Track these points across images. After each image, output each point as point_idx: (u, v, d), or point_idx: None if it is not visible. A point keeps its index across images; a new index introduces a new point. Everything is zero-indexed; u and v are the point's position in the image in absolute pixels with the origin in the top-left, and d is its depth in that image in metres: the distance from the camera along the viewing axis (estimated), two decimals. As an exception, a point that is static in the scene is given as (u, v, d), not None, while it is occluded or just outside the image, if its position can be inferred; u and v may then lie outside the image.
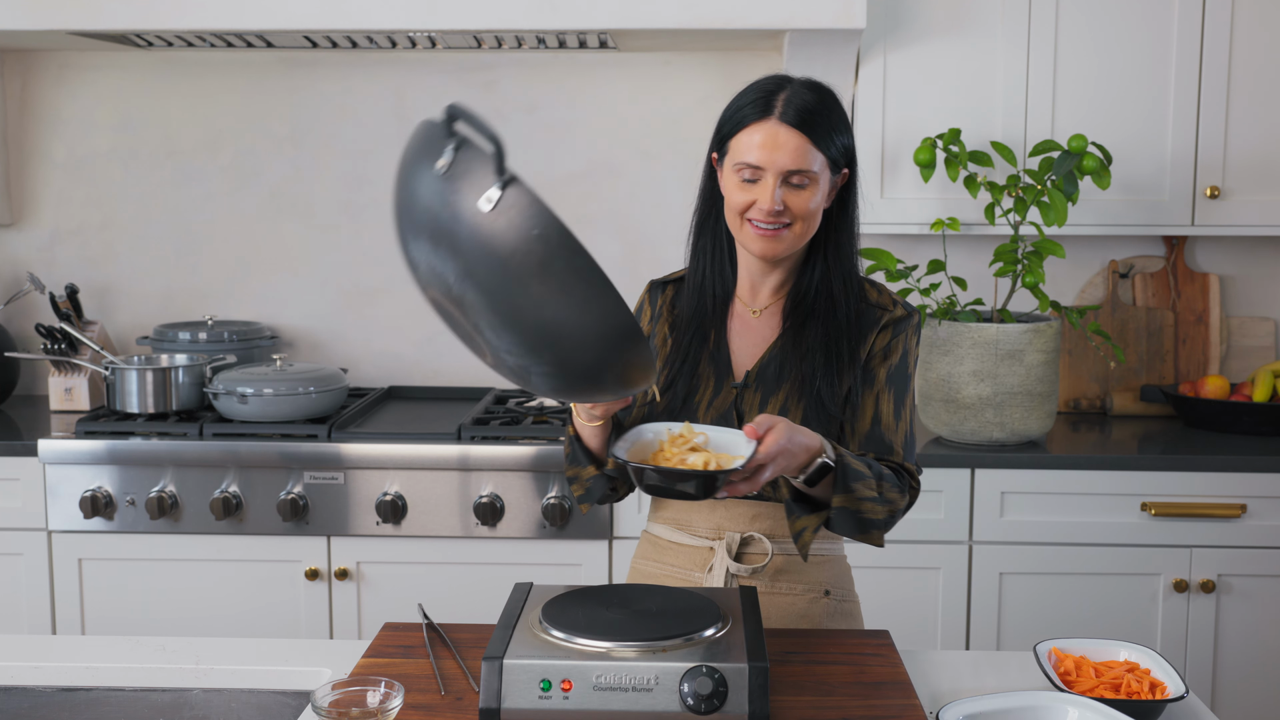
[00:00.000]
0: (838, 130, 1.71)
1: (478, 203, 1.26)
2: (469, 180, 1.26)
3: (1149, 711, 1.46)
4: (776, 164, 1.67)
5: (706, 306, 1.81)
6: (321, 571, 2.76)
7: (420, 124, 1.35)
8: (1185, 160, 2.89)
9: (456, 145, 1.27)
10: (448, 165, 1.26)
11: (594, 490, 1.77)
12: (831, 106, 1.71)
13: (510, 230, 1.25)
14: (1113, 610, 2.73)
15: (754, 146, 1.68)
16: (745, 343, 1.81)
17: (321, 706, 1.32)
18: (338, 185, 3.27)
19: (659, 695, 1.37)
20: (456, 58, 3.21)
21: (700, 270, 1.82)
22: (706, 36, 2.89)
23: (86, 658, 1.69)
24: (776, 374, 1.77)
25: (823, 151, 1.68)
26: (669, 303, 1.86)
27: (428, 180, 1.28)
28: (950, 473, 2.71)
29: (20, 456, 2.75)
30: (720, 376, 1.79)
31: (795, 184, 1.68)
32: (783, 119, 1.67)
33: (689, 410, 1.77)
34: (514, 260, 1.25)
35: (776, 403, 1.76)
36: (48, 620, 2.79)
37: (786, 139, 1.67)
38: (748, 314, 1.82)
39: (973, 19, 2.86)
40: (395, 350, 3.31)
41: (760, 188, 1.69)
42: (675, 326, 1.83)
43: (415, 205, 1.31)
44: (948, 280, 2.92)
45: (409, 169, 1.32)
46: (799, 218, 1.70)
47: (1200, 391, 3.00)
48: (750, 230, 1.72)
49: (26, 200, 3.31)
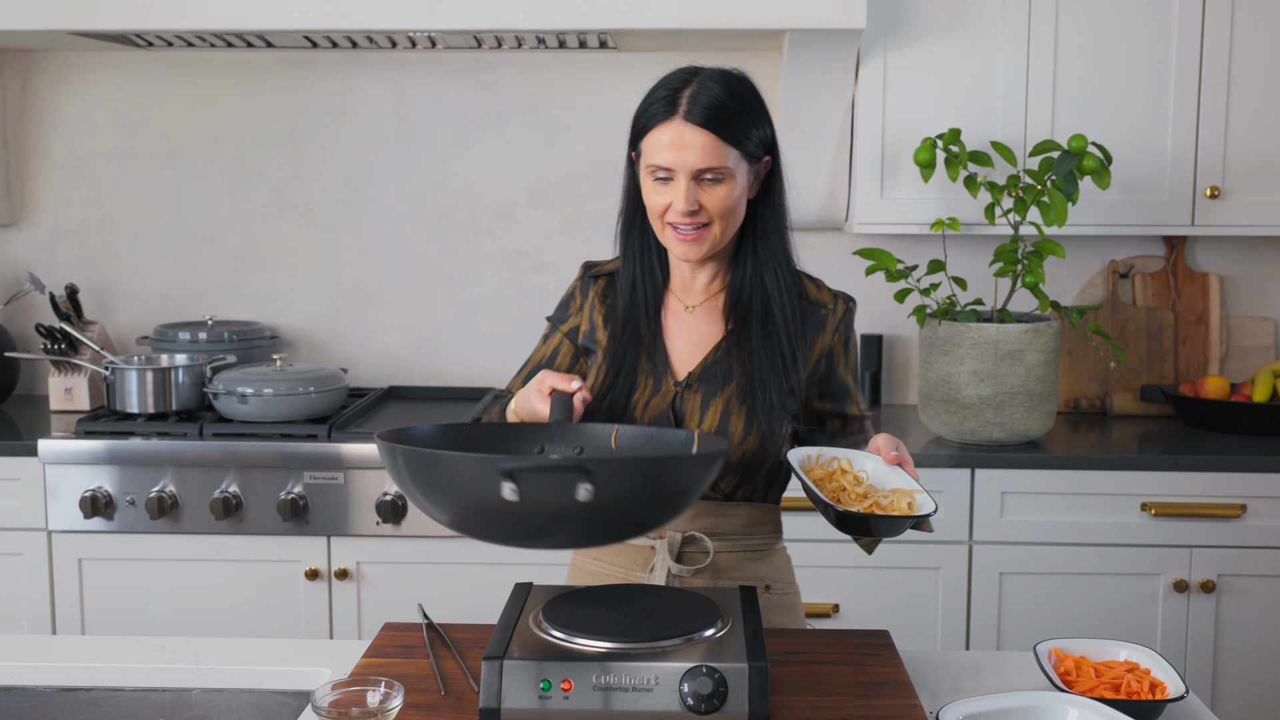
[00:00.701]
0: (750, 121, 1.67)
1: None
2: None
3: (1149, 711, 1.46)
4: (686, 164, 1.64)
5: (639, 307, 1.78)
6: (321, 571, 2.76)
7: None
8: (1185, 160, 2.89)
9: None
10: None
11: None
12: (741, 98, 1.68)
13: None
14: (1113, 610, 2.73)
15: (662, 147, 1.66)
16: (683, 341, 1.79)
17: (321, 706, 1.32)
18: (338, 185, 3.27)
19: (659, 695, 1.37)
20: (456, 58, 3.21)
21: (631, 271, 1.79)
22: (706, 36, 2.89)
23: (86, 658, 1.69)
24: (722, 375, 1.75)
25: (734, 146, 1.65)
26: (601, 293, 1.84)
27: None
28: (950, 473, 2.71)
29: (20, 456, 2.75)
30: (659, 376, 1.77)
31: (709, 180, 1.66)
32: (688, 118, 1.64)
33: (629, 410, 1.76)
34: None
35: (719, 404, 1.75)
36: (48, 620, 2.79)
37: (693, 138, 1.64)
38: (682, 310, 1.81)
39: (973, 19, 2.86)
40: (395, 350, 3.31)
41: (673, 188, 1.66)
42: (609, 322, 1.81)
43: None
44: (948, 280, 2.92)
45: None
46: (716, 216, 1.67)
47: (1200, 391, 3.00)
48: (671, 234, 1.70)
49: (26, 200, 3.31)
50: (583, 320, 1.84)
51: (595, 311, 1.83)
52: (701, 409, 1.75)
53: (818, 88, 2.89)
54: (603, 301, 1.83)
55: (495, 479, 1.30)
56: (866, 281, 3.20)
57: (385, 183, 3.27)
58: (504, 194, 3.26)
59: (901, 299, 2.83)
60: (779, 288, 1.75)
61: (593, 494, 1.30)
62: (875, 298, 3.23)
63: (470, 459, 1.36)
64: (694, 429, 1.74)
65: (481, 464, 1.33)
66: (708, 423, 1.74)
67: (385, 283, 3.29)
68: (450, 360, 3.30)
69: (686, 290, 1.81)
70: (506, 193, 3.25)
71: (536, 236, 3.25)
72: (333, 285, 3.30)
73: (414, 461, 1.38)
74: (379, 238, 3.28)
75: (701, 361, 1.77)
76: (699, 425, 1.74)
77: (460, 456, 1.38)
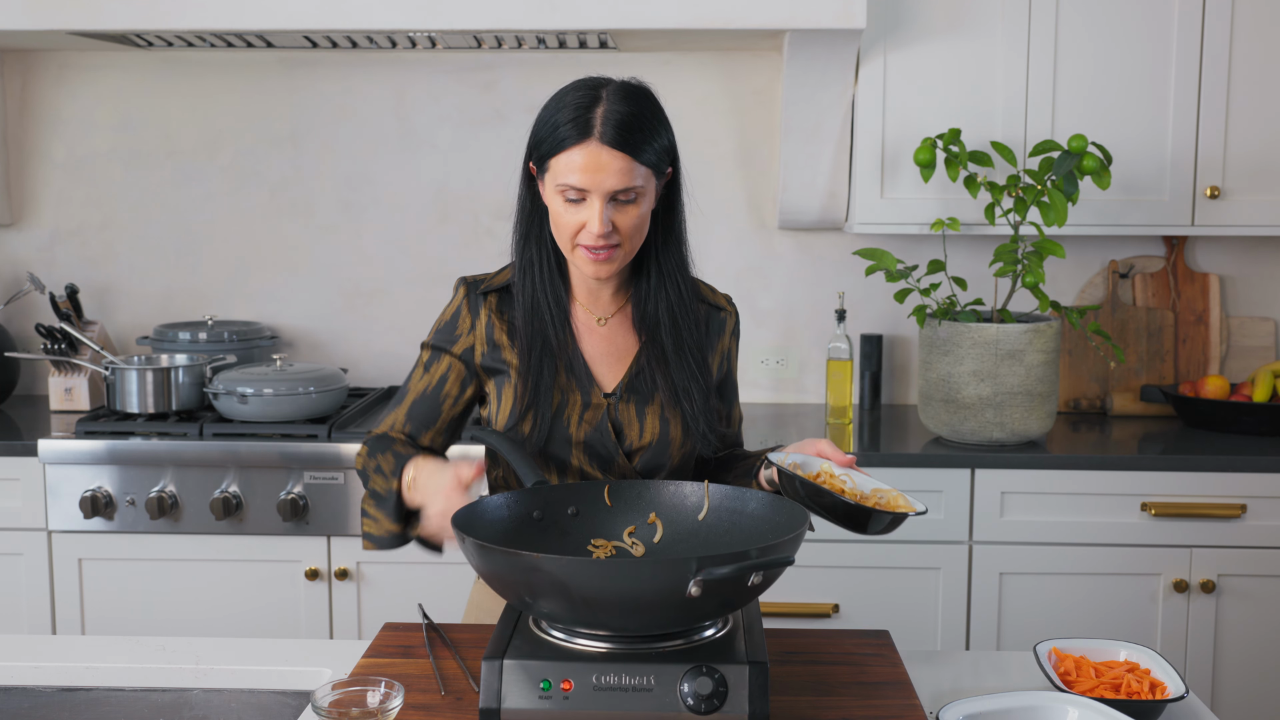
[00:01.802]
0: (657, 135, 1.65)
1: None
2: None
3: (1149, 711, 1.46)
4: (602, 186, 1.62)
5: (545, 319, 1.74)
6: (321, 571, 2.76)
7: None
8: (1185, 160, 2.89)
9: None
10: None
11: (385, 543, 1.72)
12: (649, 113, 1.65)
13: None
14: (1113, 610, 2.73)
15: (576, 169, 1.62)
16: (601, 353, 1.78)
17: (321, 706, 1.32)
18: (338, 185, 3.27)
19: (659, 695, 1.37)
20: (456, 58, 3.21)
21: (531, 286, 1.75)
22: (706, 36, 2.89)
23: (86, 658, 1.69)
24: (647, 386, 1.76)
25: (645, 164, 1.63)
26: (495, 310, 1.78)
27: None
28: (950, 473, 2.71)
29: (20, 456, 2.75)
30: (585, 389, 1.75)
31: (622, 200, 1.64)
32: (603, 139, 1.61)
33: (559, 427, 1.74)
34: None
35: (653, 412, 1.75)
36: (48, 620, 2.79)
37: (609, 160, 1.61)
38: (594, 323, 1.79)
39: (973, 19, 2.86)
40: (395, 350, 3.31)
41: (587, 209, 1.64)
42: (513, 338, 1.76)
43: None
44: (948, 280, 2.92)
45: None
46: (627, 236, 1.66)
47: (1200, 391, 3.00)
48: (582, 253, 1.67)
49: (26, 200, 3.31)
50: (477, 340, 1.77)
51: (495, 330, 1.77)
52: (639, 418, 1.76)
53: (818, 88, 2.89)
54: (500, 318, 1.77)
55: (686, 578, 1.31)
56: (866, 281, 3.20)
57: (385, 183, 3.27)
58: (504, 194, 3.24)
59: (901, 299, 2.83)
60: (681, 298, 1.76)
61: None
62: (875, 298, 3.23)
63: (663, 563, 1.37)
64: (634, 438, 1.75)
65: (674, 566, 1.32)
66: (648, 432, 1.75)
67: (385, 283, 3.29)
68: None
69: (595, 302, 1.79)
70: (506, 193, 3.24)
71: (536, 236, 3.25)
72: (333, 285, 3.30)
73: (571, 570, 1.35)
74: (379, 238, 3.28)
75: (626, 372, 1.77)
76: (639, 435, 1.75)
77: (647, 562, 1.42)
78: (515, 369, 1.76)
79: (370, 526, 1.72)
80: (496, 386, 1.78)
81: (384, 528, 1.70)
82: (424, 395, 1.79)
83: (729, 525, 1.62)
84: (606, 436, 1.74)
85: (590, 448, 1.75)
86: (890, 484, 1.63)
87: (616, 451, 1.75)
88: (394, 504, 1.68)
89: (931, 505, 2.71)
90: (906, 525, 2.70)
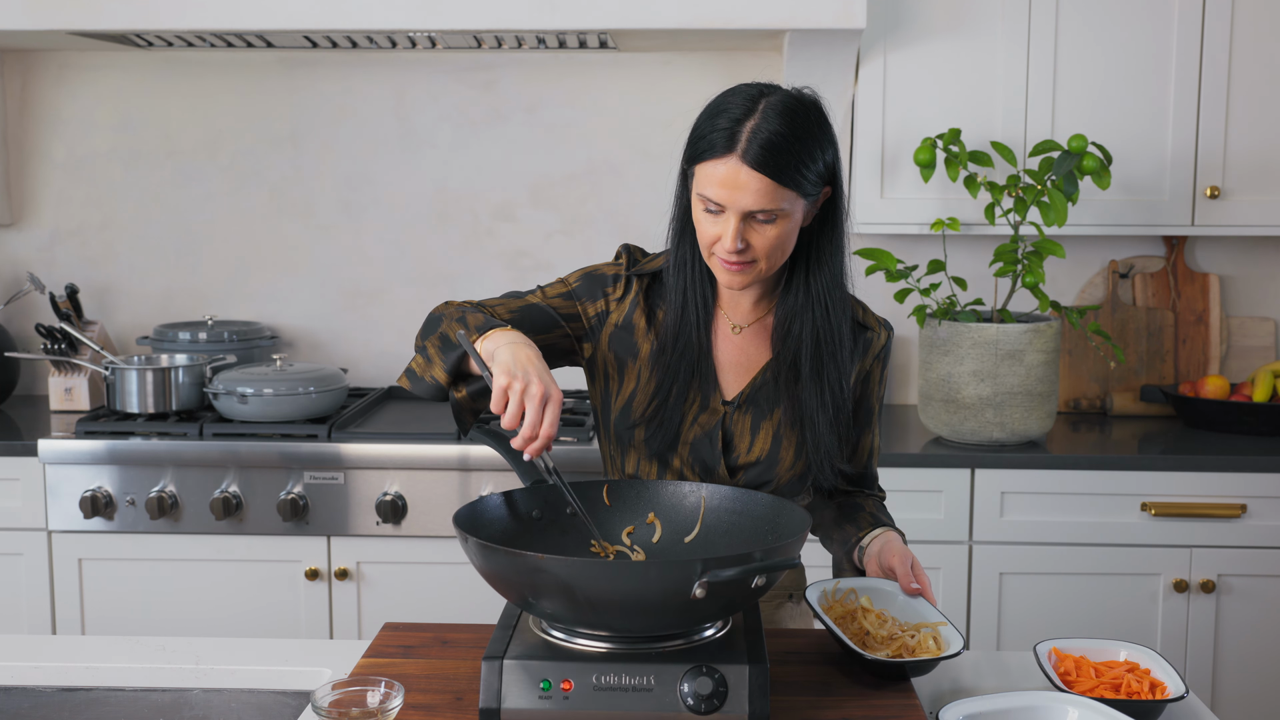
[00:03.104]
0: (811, 158, 1.57)
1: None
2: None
3: (1149, 711, 1.46)
4: (738, 204, 1.56)
5: (691, 321, 1.71)
6: (321, 571, 2.76)
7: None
8: (1185, 160, 2.89)
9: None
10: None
11: (423, 387, 1.62)
12: (804, 133, 1.57)
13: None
14: (1113, 610, 2.73)
15: (715, 182, 1.56)
16: (730, 361, 1.75)
17: (321, 706, 1.32)
18: (338, 185, 3.27)
19: (659, 695, 1.37)
20: (456, 58, 3.21)
21: (682, 284, 1.71)
22: (706, 36, 2.89)
23: (86, 658, 1.69)
24: (768, 400, 1.72)
25: (791, 188, 1.56)
26: (644, 291, 1.74)
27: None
28: (950, 473, 2.71)
29: (20, 456, 2.75)
30: (706, 394, 1.72)
31: (761, 220, 1.58)
32: (745, 158, 1.54)
33: (679, 427, 1.72)
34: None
35: (769, 427, 1.72)
36: (48, 620, 2.79)
37: (748, 180, 1.54)
38: (729, 329, 1.75)
39: (973, 19, 2.86)
40: (395, 350, 3.31)
41: (723, 223, 1.58)
42: (651, 328, 1.74)
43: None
44: (948, 280, 2.92)
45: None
46: (763, 255, 1.60)
47: (1200, 391, 3.00)
48: (718, 262, 1.63)
49: (26, 200, 3.31)
50: (619, 314, 1.74)
51: (637, 312, 1.74)
52: (751, 432, 1.72)
53: (818, 88, 2.85)
54: (646, 301, 1.74)
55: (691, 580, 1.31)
56: (867, 281, 3.20)
57: (385, 183, 3.27)
58: (504, 194, 3.26)
59: (901, 299, 2.83)
60: (829, 321, 1.68)
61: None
62: (875, 298, 3.22)
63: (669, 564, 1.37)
64: (742, 451, 1.72)
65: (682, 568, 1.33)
66: (758, 446, 1.72)
67: (385, 283, 3.29)
68: (450, 360, 3.30)
69: (734, 309, 1.75)
70: (506, 193, 3.25)
71: (536, 236, 3.25)
72: (333, 285, 3.30)
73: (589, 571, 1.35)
74: (379, 238, 3.28)
75: (750, 382, 1.72)
76: (749, 448, 1.72)
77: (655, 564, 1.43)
78: (644, 359, 1.72)
79: (418, 365, 1.63)
80: (618, 369, 1.74)
81: (433, 371, 1.61)
82: (540, 309, 1.72)
83: (729, 526, 1.61)
84: (716, 444, 1.71)
85: (696, 452, 1.72)
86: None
87: (719, 462, 1.72)
88: (458, 356, 1.58)
89: (931, 505, 2.71)
90: (906, 527, 2.70)
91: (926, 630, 1.61)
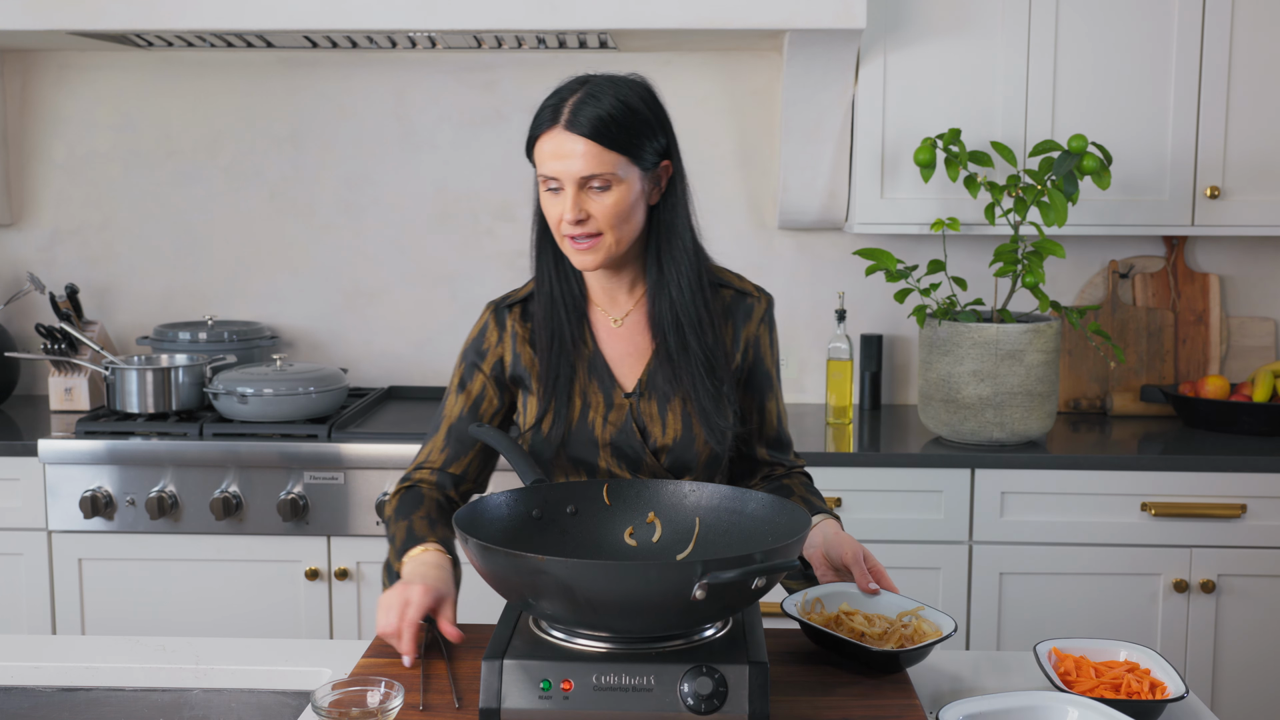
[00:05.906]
0: (639, 129, 1.64)
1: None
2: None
3: (1149, 711, 1.46)
4: (570, 172, 1.63)
5: (562, 320, 1.75)
6: (321, 571, 2.76)
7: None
8: (1185, 160, 2.89)
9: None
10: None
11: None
12: (628, 103, 1.65)
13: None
14: (1113, 610, 2.73)
15: (547, 156, 1.64)
16: (620, 353, 1.78)
17: (321, 706, 1.32)
18: (338, 185, 3.27)
19: (659, 695, 1.37)
20: (456, 58, 3.21)
21: (548, 284, 1.76)
22: (706, 36, 2.89)
23: (86, 658, 1.69)
24: (666, 383, 1.75)
25: (620, 152, 1.62)
26: (519, 320, 1.80)
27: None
28: (950, 473, 2.71)
29: (20, 456, 2.75)
30: (607, 390, 1.76)
31: (596, 188, 1.64)
32: (569, 127, 1.62)
33: (585, 429, 1.74)
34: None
35: (675, 409, 1.75)
36: (48, 620, 2.79)
37: (573, 146, 1.62)
38: (610, 323, 1.78)
39: (973, 19, 2.86)
40: (395, 350, 3.31)
41: (562, 198, 1.65)
42: (535, 345, 1.78)
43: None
44: (948, 280, 2.92)
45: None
46: (606, 225, 1.65)
47: (1200, 391, 3.00)
48: (568, 244, 1.68)
49: (26, 200, 3.31)
50: (505, 352, 1.80)
51: (518, 341, 1.79)
52: (660, 416, 1.75)
53: (818, 88, 2.89)
54: (524, 327, 1.79)
55: (691, 581, 1.32)
56: (866, 281, 3.20)
57: (385, 183, 3.27)
58: (504, 194, 3.26)
59: (901, 299, 2.83)
60: (684, 296, 1.72)
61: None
62: (875, 298, 3.23)
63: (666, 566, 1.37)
64: (657, 436, 1.75)
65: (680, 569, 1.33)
66: (670, 430, 1.75)
67: (385, 283, 3.29)
68: (450, 360, 3.28)
69: (611, 303, 1.79)
70: (506, 193, 3.25)
71: (536, 236, 3.25)
72: (333, 285, 3.30)
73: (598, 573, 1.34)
74: (379, 238, 3.28)
75: (645, 369, 1.76)
76: (663, 433, 1.75)
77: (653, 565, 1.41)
78: (537, 373, 1.77)
79: (386, 580, 1.77)
80: (524, 394, 1.80)
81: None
82: (462, 417, 1.81)
83: (728, 526, 1.62)
84: (632, 436, 1.74)
85: (617, 449, 1.75)
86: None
87: (643, 451, 1.75)
88: (392, 577, 1.73)
89: (931, 505, 2.71)
90: (906, 526, 2.70)
91: (909, 617, 1.64)
